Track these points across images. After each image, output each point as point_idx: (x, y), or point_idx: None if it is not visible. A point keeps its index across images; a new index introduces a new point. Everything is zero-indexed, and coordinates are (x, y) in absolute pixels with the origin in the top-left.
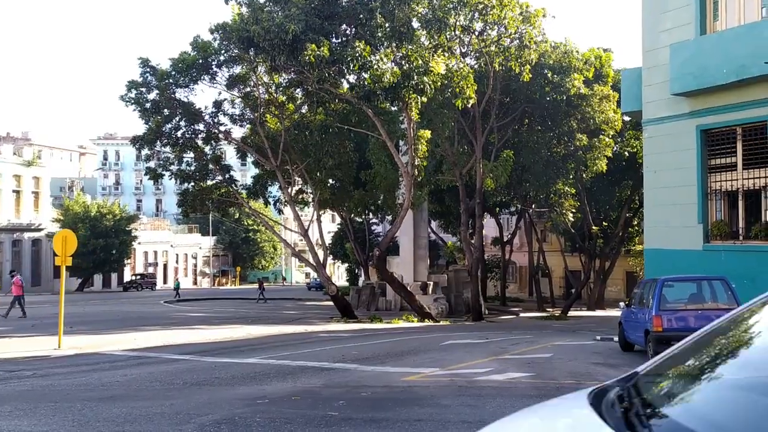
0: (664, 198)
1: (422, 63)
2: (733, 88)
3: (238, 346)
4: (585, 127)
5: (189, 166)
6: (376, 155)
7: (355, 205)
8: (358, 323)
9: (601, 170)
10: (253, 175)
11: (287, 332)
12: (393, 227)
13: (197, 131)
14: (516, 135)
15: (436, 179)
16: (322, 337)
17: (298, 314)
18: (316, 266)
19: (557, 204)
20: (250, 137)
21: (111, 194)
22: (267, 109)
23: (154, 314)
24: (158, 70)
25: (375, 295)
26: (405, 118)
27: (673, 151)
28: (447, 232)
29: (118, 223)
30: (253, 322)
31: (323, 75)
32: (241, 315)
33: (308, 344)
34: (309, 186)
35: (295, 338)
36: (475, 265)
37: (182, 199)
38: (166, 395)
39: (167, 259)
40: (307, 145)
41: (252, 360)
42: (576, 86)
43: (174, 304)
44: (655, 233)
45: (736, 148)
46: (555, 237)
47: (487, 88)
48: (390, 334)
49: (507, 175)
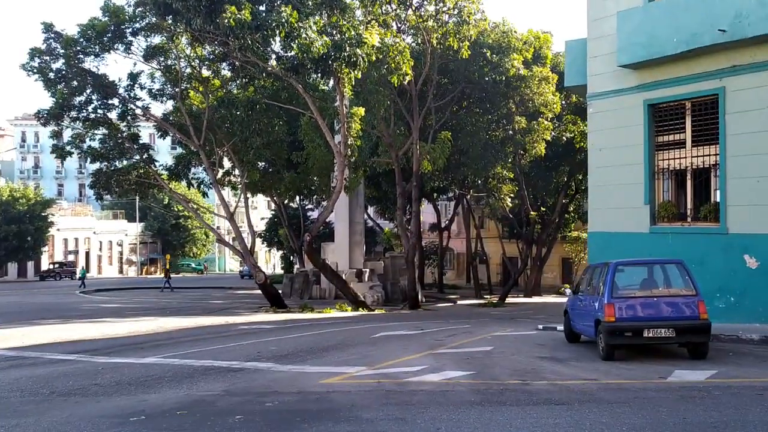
0: (609, 178)
1: (355, 34)
2: (683, 59)
3: (142, 342)
4: (524, 109)
5: (103, 144)
6: (309, 136)
7: (287, 189)
8: (288, 313)
9: (540, 154)
10: (176, 155)
11: (205, 324)
12: (324, 211)
13: (111, 106)
14: (454, 117)
15: (372, 161)
16: (243, 330)
17: (225, 304)
18: (242, 253)
19: (495, 189)
20: (172, 114)
21: (30, 178)
22: (189, 84)
23: (63, 306)
24: (64, 36)
25: (309, 283)
26: (337, 95)
27: (619, 127)
28: (384, 218)
29: (32, 208)
30: (172, 313)
31: (245, 42)
32: (162, 306)
33: (223, 339)
34: (236, 168)
35: (211, 332)
36: (411, 252)
37: (95, 180)
38: (16, 411)
39: (89, 246)
40: (233, 123)
41: (150, 360)
42: (515, 67)
43: (91, 294)
44: (600, 216)
45: (685, 123)
46: (493, 223)
47: (424, 66)
48: (319, 325)
49: (445, 158)
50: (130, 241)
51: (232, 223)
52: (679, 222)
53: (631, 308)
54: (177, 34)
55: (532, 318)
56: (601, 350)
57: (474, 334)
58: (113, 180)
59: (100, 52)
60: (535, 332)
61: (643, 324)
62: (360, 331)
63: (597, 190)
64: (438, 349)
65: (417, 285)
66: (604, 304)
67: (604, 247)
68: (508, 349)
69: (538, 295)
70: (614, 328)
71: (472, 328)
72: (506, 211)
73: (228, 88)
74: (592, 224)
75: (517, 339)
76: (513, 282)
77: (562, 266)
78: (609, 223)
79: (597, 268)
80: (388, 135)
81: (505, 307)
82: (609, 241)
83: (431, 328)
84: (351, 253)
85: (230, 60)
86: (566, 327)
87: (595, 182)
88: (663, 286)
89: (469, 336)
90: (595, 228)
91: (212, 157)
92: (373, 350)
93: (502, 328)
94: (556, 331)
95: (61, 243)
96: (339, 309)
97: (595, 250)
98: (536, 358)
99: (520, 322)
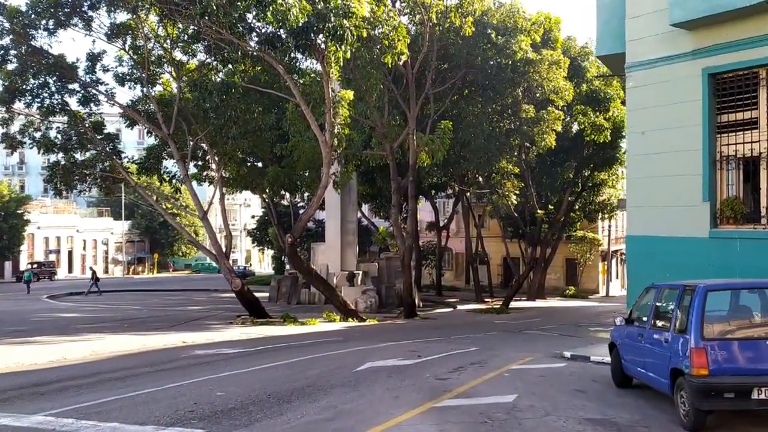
0: (654, 168)
1: (342, 3)
2: (756, 14)
3: (48, 381)
4: (532, 97)
5: (63, 134)
6: (295, 126)
7: (270, 184)
8: (266, 325)
9: (550, 146)
10: (146, 146)
11: (153, 347)
12: (309, 208)
13: (72, 92)
14: (454, 106)
15: (363, 154)
16: (196, 357)
17: (201, 311)
18: (216, 256)
19: (499, 185)
20: (140, 103)
21: (15, 174)
22: (160, 67)
23: (13, 315)
24: (7, 6)
25: (297, 286)
26: (323, 77)
27: (668, 104)
28: (379, 217)
29: (7, 205)
30: (128, 328)
31: (209, 7)
32: (127, 315)
33: (163, 374)
34: (211, 160)
35: (153, 361)
36: (408, 254)
37: (52, 173)
38: None
39: (72, 245)
40: (207, 110)
41: (25, 421)
42: (523, 49)
43: (60, 299)
44: (642, 216)
45: (758, 98)
46: (494, 222)
47: (422, 48)
48: (296, 347)
49: (445, 150)
50: (116, 240)
51: (205, 222)
52: (749, 225)
53: (732, 356)
54: (142, 7)
55: (545, 331)
56: (682, 414)
57: (486, 365)
58: (75, 174)
59: (55, 27)
60: (563, 364)
61: (751, 381)
62: (342, 358)
63: (638, 184)
64: (442, 399)
65: (414, 290)
66: (691, 349)
67: (648, 255)
68: (538, 400)
69: (542, 299)
70: (707, 386)
71: (481, 350)
72: (511, 209)
73: (203, 72)
74: (631, 226)
75: (546, 379)
76: (518, 286)
77: (566, 267)
78: (654, 224)
79: (667, 291)
80: (381, 125)
81: (510, 314)
82: (654, 247)
83: (431, 353)
84: (343, 254)
85: (205, 40)
86: (615, 366)
87: (635, 173)
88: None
89: (481, 370)
90: (635, 231)
91: (184, 148)
92: (351, 400)
93: (516, 351)
94: (590, 363)
95: (42, 242)
96: (326, 318)
97: (637, 261)
98: (584, 422)
99: (535, 340)
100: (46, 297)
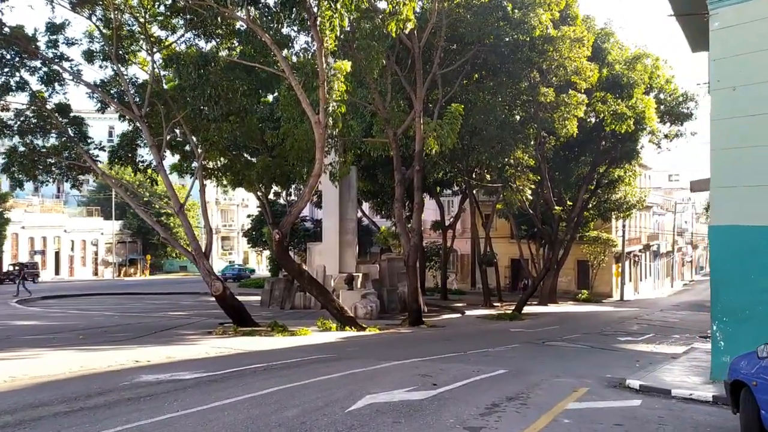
0: (749, 135)
1: None
2: None
3: None
4: (550, 80)
5: (18, 115)
6: (287, 111)
7: (259, 177)
8: (250, 335)
9: (572, 134)
10: (120, 133)
11: (91, 370)
12: (300, 200)
13: (32, 69)
14: (464, 92)
15: (364, 143)
16: (138, 386)
17: (180, 317)
18: (194, 256)
19: (513, 178)
20: (114, 82)
21: None
22: (135, 42)
23: None
24: None
25: (291, 289)
26: (315, 45)
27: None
28: (381, 215)
29: None
30: (83, 339)
31: None
32: (92, 323)
33: (70, 419)
34: (189, 145)
35: (70, 394)
36: (413, 254)
37: (8, 161)
38: None
39: (60, 246)
40: (185, 88)
41: None
42: (543, 23)
43: (33, 303)
44: (731, 199)
45: None
46: (501, 222)
47: (430, 19)
48: (275, 370)
49: (455, 136)
50: (106, 241)
51: (182, 217)
52: None
53: None
54: None
55: (570, 341)
56: None
57: (529, 402)
58: (38, 162)
59: None
60: (637, 402)
61: None
62: (333, 388)
63: (725, 157)
64: None
65: (419, 295)
66: None
67: (741, 251)
68: None
69: (554, 303)
70: None
71: (514, 377)
72: (525, 204)
73: (180, 45)
74: (716, 214)
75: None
76: (532, 289)
77: (578, 269)
78: (749, 211)
79: None
80: (384, 109)
81: (524, 320)
82: (748, 240)
83: (448, 379)
84: (341, 255)
85: (186, 12)
86: (748, 418)
87: (720, 144)
88: None
89: (526, 411)
90: (722, 219)
91: (161, 134)
92: None
93: (556, 376)
94: (673, 399)
95: (27, 242)
96: (320, 327)
97: (724, 259)
98: None
99: (569, 356)
100: (15, 302)
